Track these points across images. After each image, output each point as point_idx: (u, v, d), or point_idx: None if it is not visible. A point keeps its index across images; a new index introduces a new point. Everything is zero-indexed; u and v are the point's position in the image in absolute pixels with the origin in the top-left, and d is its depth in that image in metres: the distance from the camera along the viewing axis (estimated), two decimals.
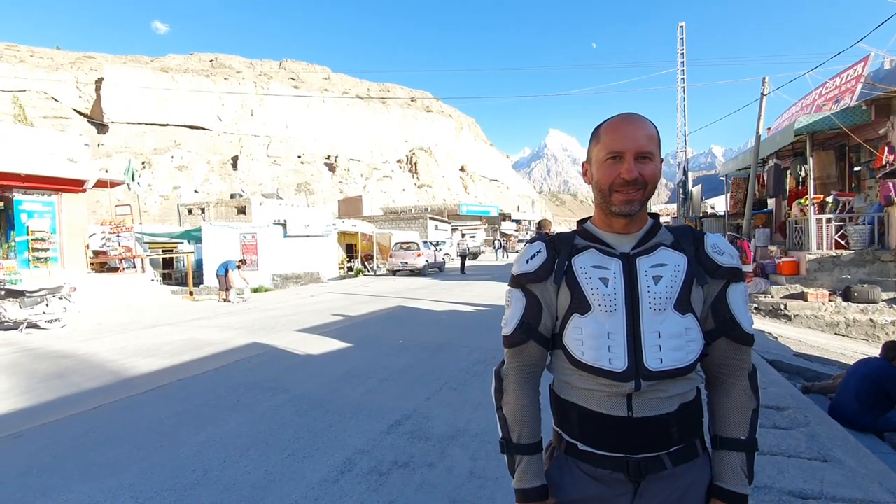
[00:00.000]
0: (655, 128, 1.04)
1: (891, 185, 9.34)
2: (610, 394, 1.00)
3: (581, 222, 1.15)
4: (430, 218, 38.93)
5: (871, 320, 8.83)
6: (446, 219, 43.87)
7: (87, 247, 13.65)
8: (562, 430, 1.10)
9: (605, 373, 0.98)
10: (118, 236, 14.77)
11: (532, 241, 1.16)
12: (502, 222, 54.95)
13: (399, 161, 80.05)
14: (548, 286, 1.08)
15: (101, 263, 14.43)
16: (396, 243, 22.19)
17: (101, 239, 15.14)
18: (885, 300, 9.20)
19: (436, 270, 22.42)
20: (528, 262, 1.09)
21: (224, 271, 12.79)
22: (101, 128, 54.47)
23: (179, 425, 3.69)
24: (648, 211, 1.10)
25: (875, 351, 5.44)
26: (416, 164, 78.50)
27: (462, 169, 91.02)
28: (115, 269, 14.38)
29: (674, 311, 0.99)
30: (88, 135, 45.65)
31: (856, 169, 11.96)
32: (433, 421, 3.69)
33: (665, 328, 0.98)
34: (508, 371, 1.12)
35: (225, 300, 12.79)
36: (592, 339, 1.00)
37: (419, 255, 20.33)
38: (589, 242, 1.08)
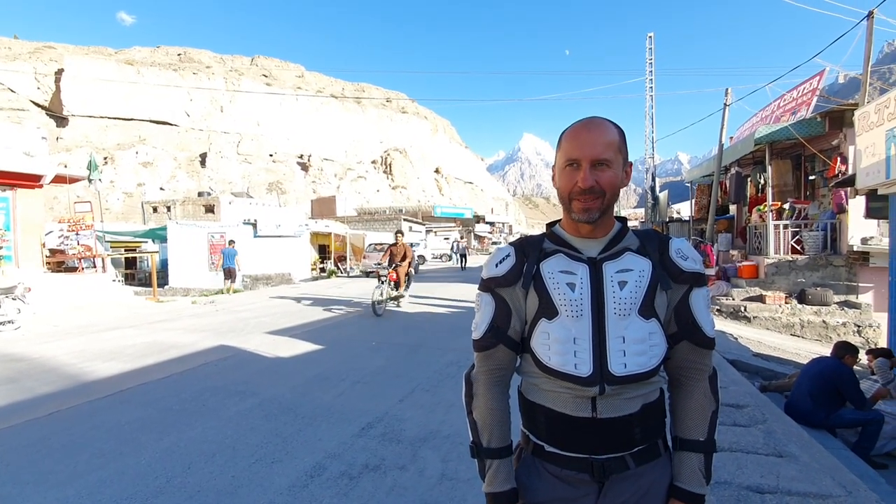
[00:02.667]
0: (619, 131, 1.03)
1: (843, 193, 9.84)
2: (575, 396, 1.02)
3: (550, 225, 1.15)
4: (405, 219, 38.78)
5: (823, 322, 9.29)
6: (420, 220, 43.80)
7: (44, 245, 13.01)
8: (529, 432, 1.11)
9: (571, 377, 1.00)
10: (77, 234, 14.13)
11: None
12: (476, 224, 55.19)
13: (374, 162, 79.40)
14: (516, 290, 1.08)
15: (59, 263, 13.77)
16: (370, 244, 22.01)
17: (59, 237, 14.44)
18: (836, 302, 9.70)
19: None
20: (497, 265, 1.10)
21: (233, 261, 12.74)
22: (61, 121, 52.01)
23: (141, 431, 3.56)
24: (617, 215, 1.11)
25: (827, 351, 5.72)
26: (390, 164, 78.03)
27: (437, 171, 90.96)
28: (73, 269, 13.73)
29: (638, 317, 1.01)
30: (46, 128, 43.52)
31: (811, 178, 12.55)
32: (405, 423, 3.68)
33: (629, 333, 1.00)
34: (478, 375, 1.12)
35: (233, 290, 12.67)
36: (559, 343, 1.01)
37: None
38: (557, 246, 1.09)
